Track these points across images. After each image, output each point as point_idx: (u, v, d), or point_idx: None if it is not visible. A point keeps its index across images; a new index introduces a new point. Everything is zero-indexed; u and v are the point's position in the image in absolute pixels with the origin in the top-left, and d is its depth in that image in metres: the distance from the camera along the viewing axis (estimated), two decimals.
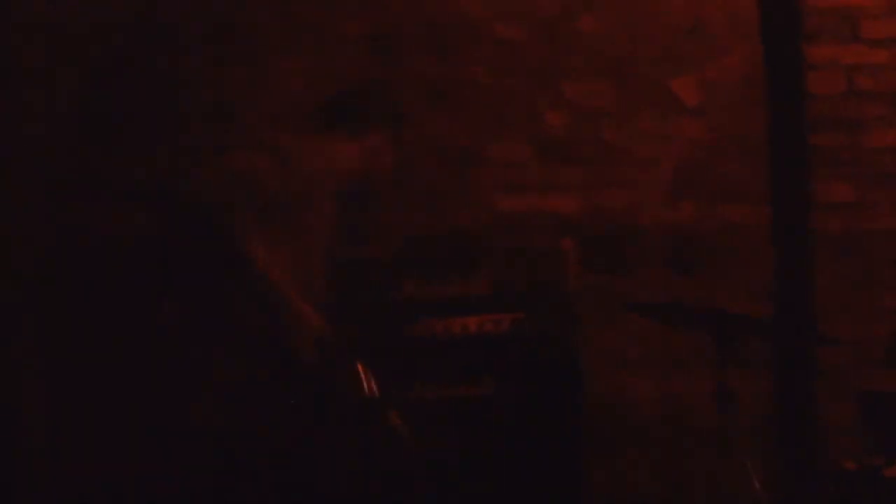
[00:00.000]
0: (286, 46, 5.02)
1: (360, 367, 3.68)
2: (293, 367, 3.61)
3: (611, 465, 4.94)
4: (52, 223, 4.84)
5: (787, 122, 5.08)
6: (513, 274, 4.65)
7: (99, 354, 4.69)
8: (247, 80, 5.00)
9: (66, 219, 4.83)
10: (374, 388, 3.68)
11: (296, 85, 4.98)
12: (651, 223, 5.08)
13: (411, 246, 4.54)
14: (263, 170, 3.79)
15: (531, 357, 4.38)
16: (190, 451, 3.96)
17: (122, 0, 4.95)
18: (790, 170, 5.06)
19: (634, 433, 5.02)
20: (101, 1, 4.93)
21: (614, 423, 4.98)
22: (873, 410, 4.28)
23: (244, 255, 3.62)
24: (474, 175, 5.05)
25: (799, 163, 5.01)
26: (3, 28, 4.80)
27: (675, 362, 4.97)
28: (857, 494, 3.54)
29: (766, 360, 4.96)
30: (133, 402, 4.57)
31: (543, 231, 4.98)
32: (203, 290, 3.80)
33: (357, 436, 3.69)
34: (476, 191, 5.04)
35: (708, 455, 4.83)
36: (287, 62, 5.01)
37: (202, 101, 4.98)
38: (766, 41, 5.12)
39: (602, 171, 5.09)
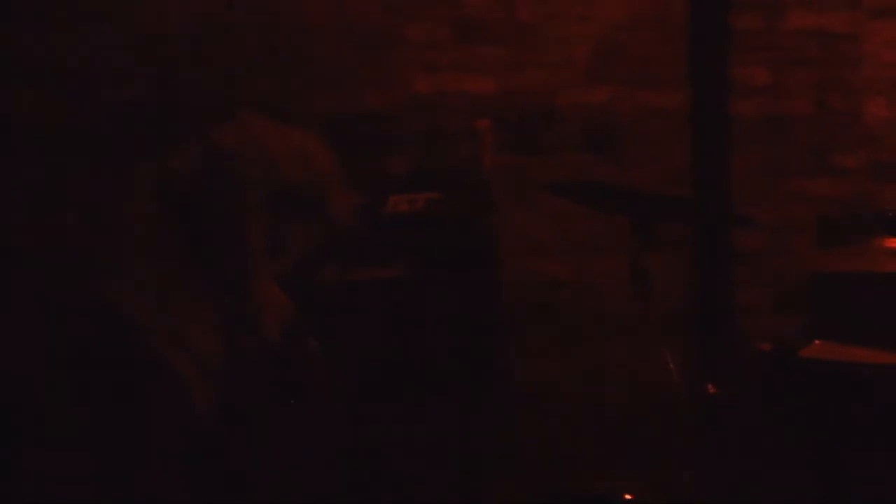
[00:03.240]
0: None
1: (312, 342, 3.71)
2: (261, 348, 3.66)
3: (523, 350, 4.92)
4: None
5: (707, 4, 5.04)
6: (428, 155, 4.58)
7: None
8: None
9: None
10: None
11: None
12: (568, 104, 5.02)
13: (324, 126, 4.44)
14: None
15: (445, 238, 4.32)
16: None
17: None
18: (709, 53, 5.03)
19: (549, 318, 5.00)
20: None
21: (529, 308, 4.96)
22: (789, 293, 4.30)
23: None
24: (391, 55, 4.94)
25: (718, 46, 4.98)
26: None
27: (590, 245, 4.95)
28: (773, 375, 3.54)
29: (683, 242, 4.96)
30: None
31: (460, 112, 4.89)
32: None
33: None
34: (392, 71, 4.94)
35: (623, 339, 4.85)
36: None
37: None
38: None
39: (519, 52, 5.00)
